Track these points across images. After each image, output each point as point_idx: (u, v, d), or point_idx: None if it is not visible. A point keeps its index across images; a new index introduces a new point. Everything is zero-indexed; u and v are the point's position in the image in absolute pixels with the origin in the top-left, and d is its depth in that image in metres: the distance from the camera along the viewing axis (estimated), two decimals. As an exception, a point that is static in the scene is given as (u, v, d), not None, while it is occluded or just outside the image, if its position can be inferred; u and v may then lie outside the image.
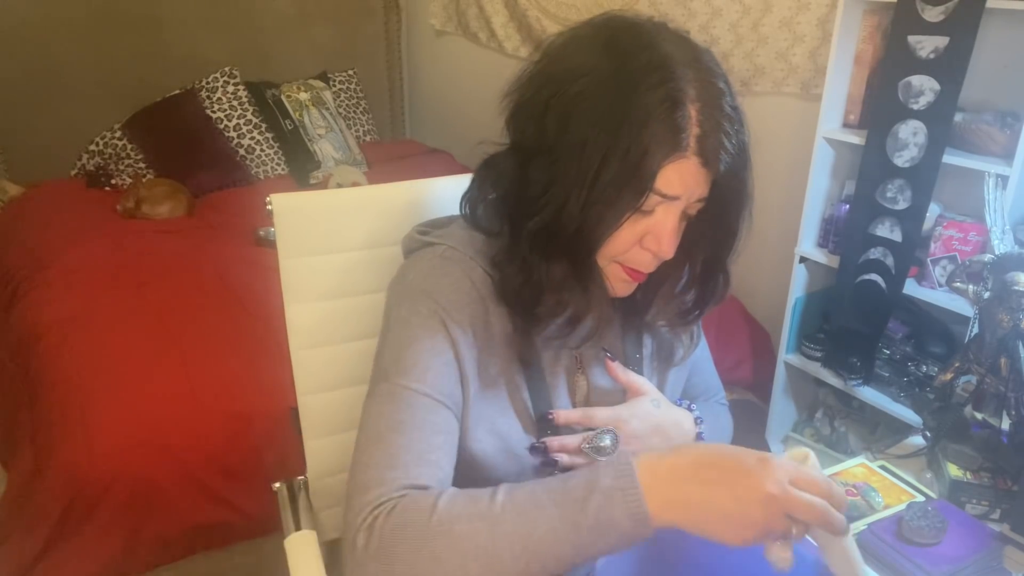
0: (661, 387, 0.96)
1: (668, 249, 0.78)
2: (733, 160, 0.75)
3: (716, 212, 0.80)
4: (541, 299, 0.81)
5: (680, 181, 0.74)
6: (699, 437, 0.94)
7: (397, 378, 0.76)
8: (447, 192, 1.07)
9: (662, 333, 0.95)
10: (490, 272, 0.83)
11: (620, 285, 0.84)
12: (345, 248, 1.08)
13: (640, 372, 0.93)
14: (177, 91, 3.22)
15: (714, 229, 0.82)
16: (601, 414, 0.88)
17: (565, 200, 0.74)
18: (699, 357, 1.03)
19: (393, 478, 0.71)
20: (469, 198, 0.86)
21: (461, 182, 0.91)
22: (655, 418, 0.89)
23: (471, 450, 0.83)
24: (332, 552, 1.15)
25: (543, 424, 0.86)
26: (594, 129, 0.72)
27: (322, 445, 1.13)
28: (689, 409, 0.95)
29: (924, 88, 1.75)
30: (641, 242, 0.79)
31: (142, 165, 3.09)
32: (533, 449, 0.85)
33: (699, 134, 0.72)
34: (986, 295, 1.06)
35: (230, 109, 3.24)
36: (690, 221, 0.81)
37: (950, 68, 1.69)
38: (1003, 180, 1.61)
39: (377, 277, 1.06)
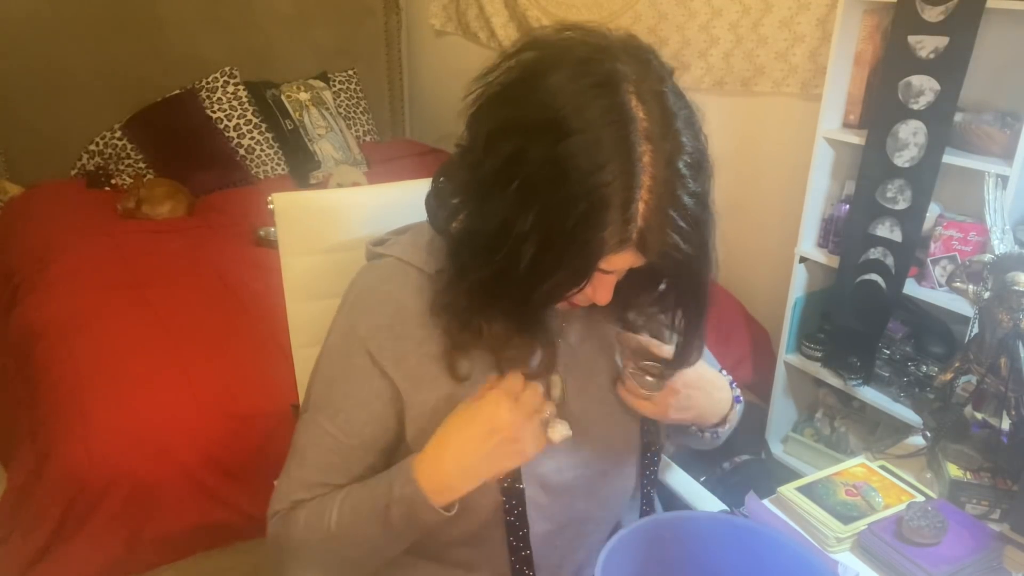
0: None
1: (603, 300, 0.79)
2: (681, 237, 0.71)
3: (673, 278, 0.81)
4: (480, 338, 0.82)
5: (618, 262, 0.74)
6: (736, 400, 1.00)
7: (317, 414, 0.89)
8: (447, 192, 1.07)
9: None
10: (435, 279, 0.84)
11: (561, 306, 0.84)
12: (346, 247, 1.09)
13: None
14: (177, 91, 3.21)
15: (678, 291, 0.83)
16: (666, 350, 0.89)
17: (512, 263, 0.72)
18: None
19: (288, 498, 0.90)
20: (429, 196, 0.85)
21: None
22: (703, 371, 0.94)
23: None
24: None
25: None
26: (549, 207, 0.70)
27: (322, 445, 1.13)
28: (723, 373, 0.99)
29: (924, 88, 1.75)
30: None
31: (142, 165, 3.10)
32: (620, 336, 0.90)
33: (642, 227, 0.70)
34: (986, 295, 1.06)
35: (230, 109, 3.24)
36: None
37: (950, 68, 1.69)
38: (1003, 180, 1.61)
39: (377, 277, 1.05)
